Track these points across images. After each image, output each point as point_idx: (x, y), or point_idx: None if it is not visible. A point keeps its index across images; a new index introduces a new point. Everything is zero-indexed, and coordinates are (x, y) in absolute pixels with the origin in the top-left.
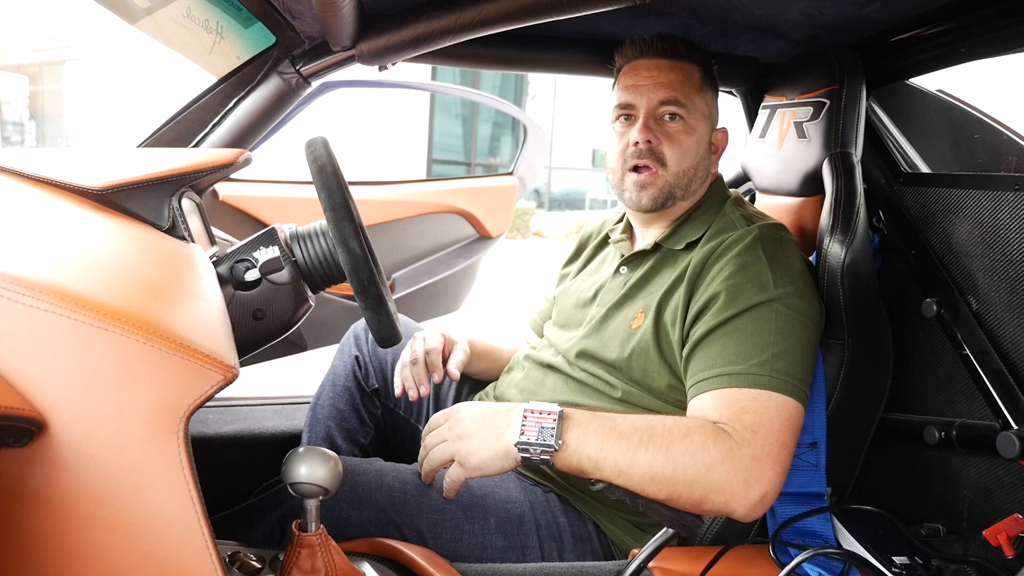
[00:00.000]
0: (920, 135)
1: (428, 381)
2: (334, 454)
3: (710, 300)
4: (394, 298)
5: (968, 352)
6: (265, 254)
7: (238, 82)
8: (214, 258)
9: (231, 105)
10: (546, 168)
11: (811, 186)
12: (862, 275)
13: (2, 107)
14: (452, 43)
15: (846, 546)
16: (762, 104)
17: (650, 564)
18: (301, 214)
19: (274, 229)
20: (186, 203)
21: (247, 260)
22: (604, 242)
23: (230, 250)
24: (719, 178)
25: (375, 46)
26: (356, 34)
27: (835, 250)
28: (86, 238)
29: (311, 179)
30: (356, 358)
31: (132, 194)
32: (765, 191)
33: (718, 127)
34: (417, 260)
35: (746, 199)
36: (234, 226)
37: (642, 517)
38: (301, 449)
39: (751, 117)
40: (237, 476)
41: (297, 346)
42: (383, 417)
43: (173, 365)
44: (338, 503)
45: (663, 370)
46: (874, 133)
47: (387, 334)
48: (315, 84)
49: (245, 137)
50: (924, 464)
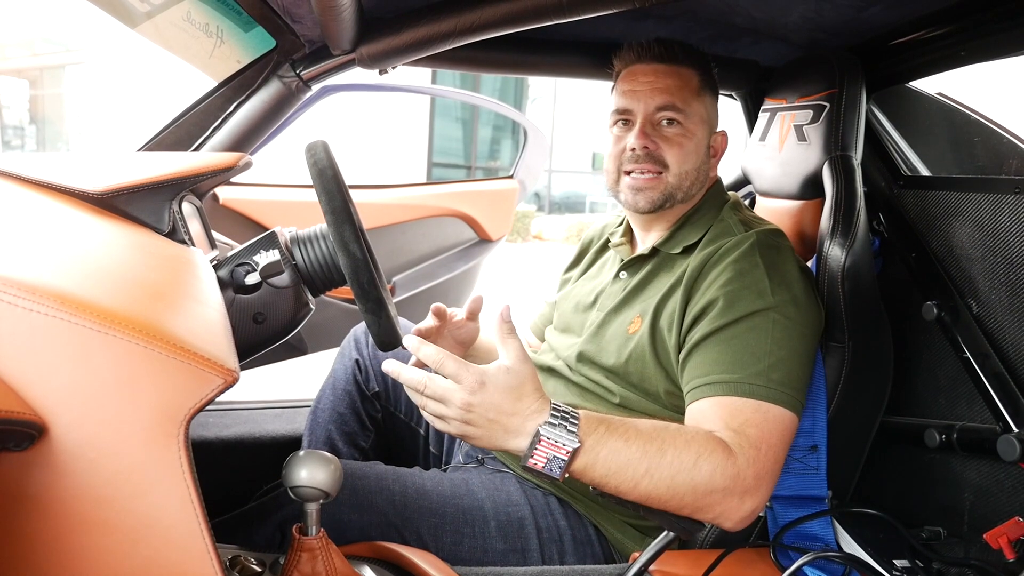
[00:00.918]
0: (920, 138)
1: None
2: (334, 458)
3: (707, 306)
4: (394, 301)
5: (969, 355)
6: (265, 258)
7: (238, 86)
8: (214, 262)
9: (231, 109)
10: (546, 171)
11: (811, 189)
12: (862, 278)
13: (2, 111)
14: (452, 47)
15: (847, 549)
16: (762, 107)
17: (651, 567)
18: (301, 218)
19: (274, 233)
20: (186, 207)
21: (247, 264)
22: (605, 246)
23: (230, 254)
24: (718, 181)
25: (375, 50)
26: (356, 38)
27: (835, 253)
28: (86, 242)
29: (311, 183)
30: (356, 362)
31: (132, 198)
32: (765, 194)
33: (717, 130)
34: (417, 263)
35: (745, 203)
36: (234, 230)
37: (643, 520)
38: (301, 453)
39: (751, 120)
40: (238, 480)
41: (297, 349)
42: (384, 420)
43: (173, 369)
44: (339, 507)
45: (659, 375)
46: (874, 136)
47: (387, 337)
48: (315, 88)
49: (245, 141)
50: (925, 467)
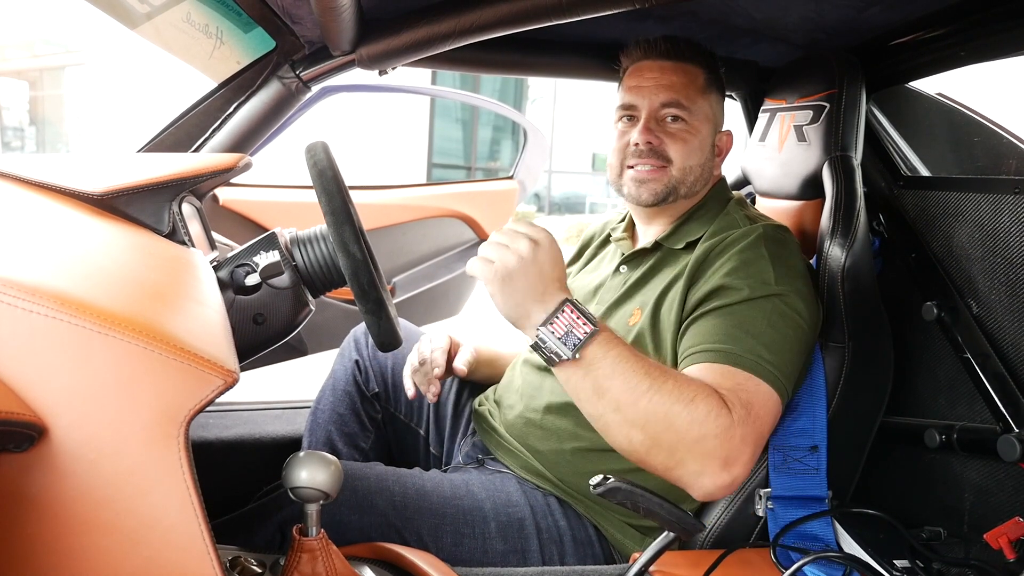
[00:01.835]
0: (920, 138)
1: (437, 382)
2: (335, 458)
3: (710, 292)
4: (394, 302)
5: (969, 355)
6: (265, 258)
7: (238, 87)
8: (214, 263)
9: (231, 110)
10: (546, 172)
11: (811, 190)
12: (862, 278)
13: (2, 112)
14: (452, 47)
15: (847, 550)
16: (762, 108)
17: (651, 568)
18: (301, 218)
19: (274, 233)
20: (186, 208)
21: (247, 264)
22: (606, 241)
23: (230, 255)
24: (722, 180)
25: (375, 50)
26: (356, 38)
27: (835, 253)
28: (86, 243)
29: (311, 183)
30: (356, 362)
31: (132, 199)
32: (765, 194)
33: (722, 130)
34: (417, 264)
35: (748, 201)
36: (234, 230)
37: (643, 521)
38: (302, 453)
39: (751, 121)
40: (238, 481)
41: (297, 350)
42: (384, 421)
43: (173, 370)
44: (339, 507)
45: None
46: (874, 136)
47: (387, 338)
48: (315, 88)
49: (245, 142)
50: (925, 467)
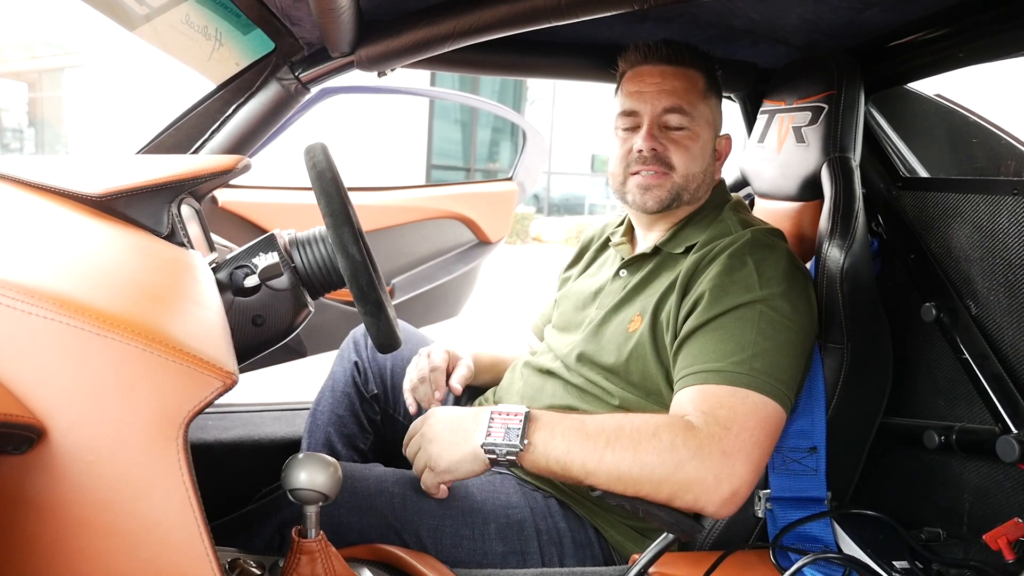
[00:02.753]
0: (919, 139)
1: (438, 402)
2: (334, 460)
3: (697, 300)
4: (394, 303)
5: (967, 356)
6: (264, 260)
7: (237, 88)
8: (213, 264)
9: (230, 111)
10: (545, 173)
11: (810, 191)
12: (861, 279)
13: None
14: (451, 48)
15: (846, 551)
16: (760, 109)
17: (651, 569)
18: (300, 220)
19: (273, 235)
20: (185, 209)
21: (246, 266)
22: (605, 245)
23: (229, 256)
24: (721, 183)
25: (374, 52)
26: (355, 40)
27: (834, 254)
28: (85, 245)
29: (310, 185)
30: (355, 364)
31: (131, 201)
32: (764, 196)
33: (722, 134)
34: (416, 265)
35: (746, 203)
36: (233, 232)
37: (642, 522)
38: (301, 455)
39: (750, 122)
40: (237, 482)
41: (296, 352)
42: (383, 423)
43: (172, 371)
44: (338, 509)
45: (660, 373)
46: (872, 138)
47: (386, 340)
48: (314, 90)
49: (244, 143)
50: (924, 468)
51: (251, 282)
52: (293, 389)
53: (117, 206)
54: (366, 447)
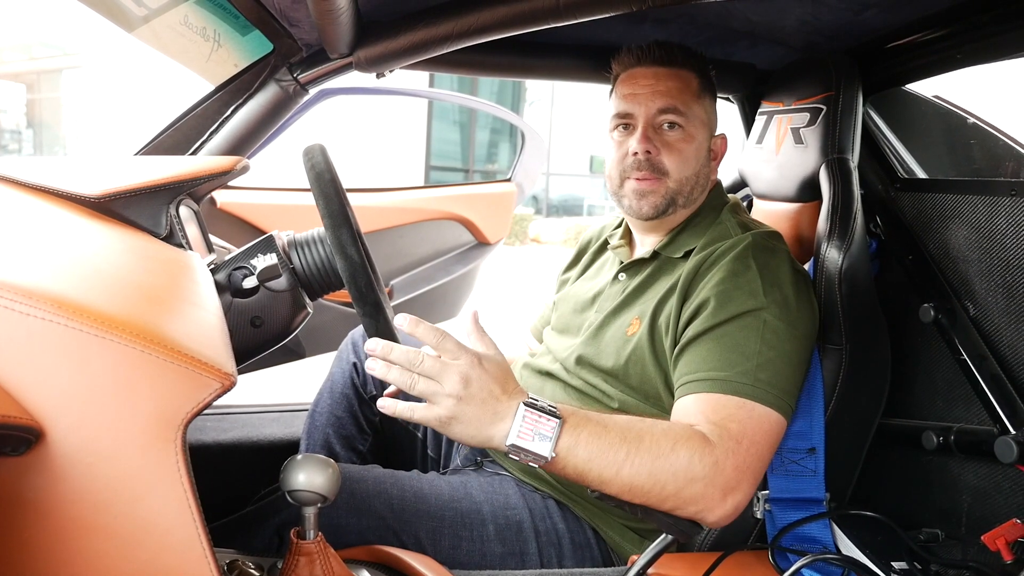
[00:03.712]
0: (917, 140)
1: None
2: (332, 461)
3: (701, 305)
4: (392, 305)
5: (966, 357)
6: (263, 261)
7: (236, 89)
8: (212, 266)
9: (229, 112)
10: (544, 174)
11: (808, 192)
12: (859, 280)
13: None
14: (450, 50)
15: (845, 552)
16: (759, 110)
17: (649, 570)
18: (299, 221)
19: (272, 236)
20: (184, 210)
21: (245, 267)
22: (603, 247)
23: (228, 257)
24: (718, 185)
25: (373, 53)
26: (354, 41)
27: (832, 256)
28: (83, 246)
29: (309, 186)
30: (354, 365)
31: (130, 202)
32: (762, 197)
33: (717, 133)
34: (415, 267)
35: (744, 205)
36: (232, 233)
37: (641, 523)
38: (299, 456)
39: (748, 123)
40: (235, 484)
41: (295, 353)
42: (381, 424)
43: (171, 373)
44: (336, 510)
45: (659, 377)
46: (871, 139)
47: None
48: (313, 91)
49: (243, 144)
50: (922, 469)
51: (250, 283)
52: (291, 390)
53: (115, 207)
54: (365, 448)
